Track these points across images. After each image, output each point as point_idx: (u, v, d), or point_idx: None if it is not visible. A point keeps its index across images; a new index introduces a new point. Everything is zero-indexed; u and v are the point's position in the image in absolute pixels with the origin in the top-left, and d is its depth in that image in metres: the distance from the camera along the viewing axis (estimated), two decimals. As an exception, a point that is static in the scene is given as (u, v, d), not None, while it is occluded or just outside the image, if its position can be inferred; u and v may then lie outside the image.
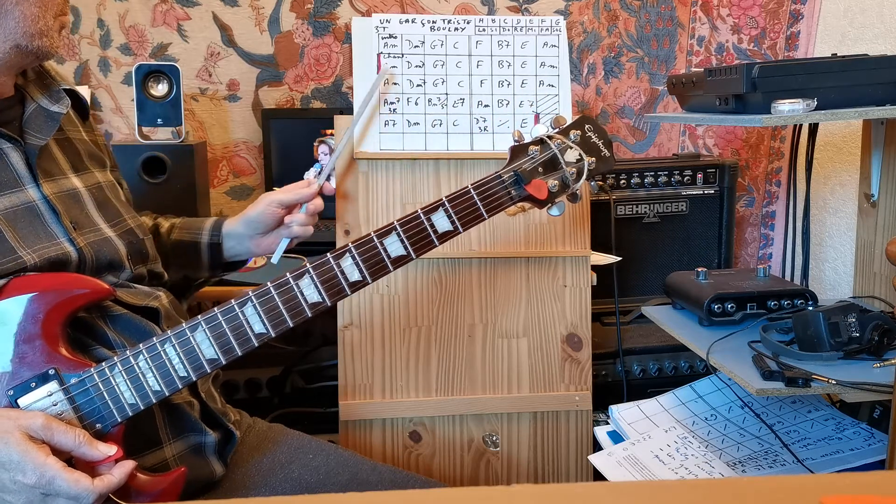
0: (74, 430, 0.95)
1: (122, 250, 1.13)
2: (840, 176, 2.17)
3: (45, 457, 0.90)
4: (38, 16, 1.03)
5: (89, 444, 0.95)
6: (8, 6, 1.01)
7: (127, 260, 1.14)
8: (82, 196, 1.13)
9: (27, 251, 1.00)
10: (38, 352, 0.98)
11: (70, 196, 1.11)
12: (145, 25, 2.08)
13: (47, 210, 1.06)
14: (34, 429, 0.92)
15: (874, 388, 1.21)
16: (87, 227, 1.10)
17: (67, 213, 1.08)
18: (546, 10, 2.16)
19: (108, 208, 1.17)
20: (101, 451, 0.96)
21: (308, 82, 2.14)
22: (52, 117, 1.11)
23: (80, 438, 0.95)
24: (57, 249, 1.03)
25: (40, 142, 1.08)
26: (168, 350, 1.01)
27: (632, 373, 1.76)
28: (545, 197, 1.15)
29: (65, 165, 1.14)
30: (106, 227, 1.14)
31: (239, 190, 2.17)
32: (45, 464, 0.90)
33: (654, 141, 2.27)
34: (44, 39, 1.04)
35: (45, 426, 0.93)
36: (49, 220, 1.05)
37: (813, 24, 2.17)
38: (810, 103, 1.38)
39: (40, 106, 1.11)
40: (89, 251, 1.07)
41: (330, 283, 1.06)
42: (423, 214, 1.10)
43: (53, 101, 1.13)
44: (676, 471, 1.37)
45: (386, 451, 1.59)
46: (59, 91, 1.14)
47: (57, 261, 1.03)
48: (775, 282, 1.60)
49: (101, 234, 1.12)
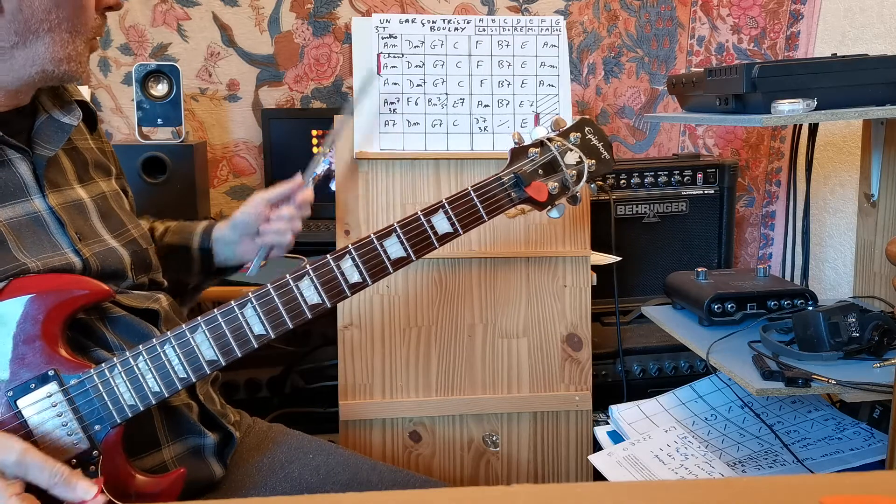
0: (52, 467, 0.90)
1: (126, 260, 1.13)
2: (840, 176, 2.17)
3: (6, 498, 0.86)
4: (69, 41, 1.01)
5: (66, 482, 0.90)
6: (41, 31, 0.99)
7: (130, 270, 1.13)
8: (87, 207, 1.12)
9: (31, 260, 1.00)
10: (37, 353, 0.98)
11: (75, 207, 1.10)
12: (145, 25, 2.08)
13: (52, 221, 1.05)
14: (7, 464, 0.89)
15: (874, 388, 1.21)
16: (91, 237, 1.10)
17: (72, 224, 1.07)
18: (546, 10, 2.16)
19: (112, 218, 1.16)
20: (79, 493, 0.90)
21: (308, 82, 2.14)
22: (62, 129, 1.10)
23: (57, 477, 0.90)
24: (61, 259, 1.03)
25: (49, 153, 1.07)
26: (168, 351, 1.01)
27: (632, 373, 1.76)
28: (545, 199, 1.15)
29: (71, 176, 1.13)
30: (110, 238, 1.13)
31: (239, 190, 2.17)
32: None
33: (654, 141, 2.27)
34: (71, 65, 1.03)
35: (19, 462, 0.89)
36: (54, 230, 1.05)
37: (813, 24, 2.17)
38: (810, 103, 1.38)
39: (52, 117, 1.10)
40: (94, 261, 1.07)
41: (330, 285, 1.05)
42: (423, 216, 1.10)
43: (65, 112, 1.11)
44: (676, 471, 1.37)
45: (386, 451, 1.59)
46: (72, 103, 1.13)
47: (60, 270, 1.02)
48: (775, 282, 1.60)
49: (106, 245, 1.11)
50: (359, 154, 1.56)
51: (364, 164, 1.57)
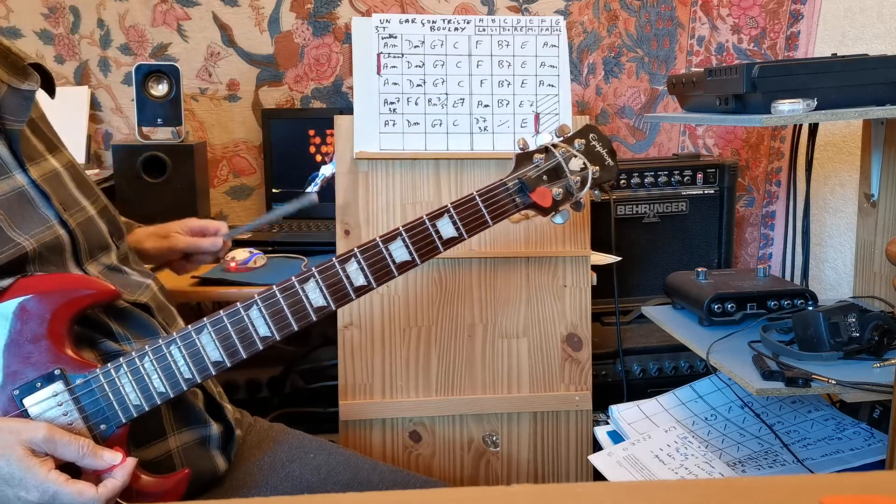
0: (78, 441, 0.94)
1: (104, 228, 1.14)
2: (840, 176, 2.17)
3: (46, 472, 0.90)
4: None
5: (93, 453, 0.94)
6: None
7: (110, 238, 1.14)
8: (62, 176, 1.12)
9: (24, 237, 1.00)
10: (43, 352, 0.98)
11: (53, 177, 1.10)
12: (145, 25, 2.08)
13: (37, 194, 1.05)
14: (36, 442, 0.91)
15: (874, 388, 1.21)
16: (73, 206, 1.10)
17: (55, 195, 1.07)
18: (546, 10, 2.16)
19: (84, 185, 1.16)
20: (106, 459, 0.95)
21: (308, 82, 2.14)
22: (24, 97, 1.08)
23: (84, 449, 0.94)
24: (51, 234, 1.03)
25: (19, 125, 1.06)
26: (173, 352, 1.01)
27: (632, 373, 1.76)
28: (549, 205, 1.16)
29: (40, 147, 1.12)
30: (88, 205, 1.14)
31: (239, 190, 2.17)
32: (46, 479, 0.89)
33: (654, 141, 2.27)
34: None
35: (48, 439, 0.92)
36: (40, 203, 1.05)
37: (813, 24, 2.17)
38: (810, 103, 1.38)
39: (11, 87, 1.07)
40: (79, 232, 1.07)
41: (335, 288, 1.06)
42: (429, 220, 1.10)
43: (22, 78, 1.09)
44: (676, 471, 1.37)
45: (386, 451, 1.59)
46: (26, 67, 1.10)
47: (53, 245, 1.03)
48: (775, 282, 1.60)
49: (86, 213, 1.12)
50: (359, 154, 1.56)
51: (364, 164, 1.57)
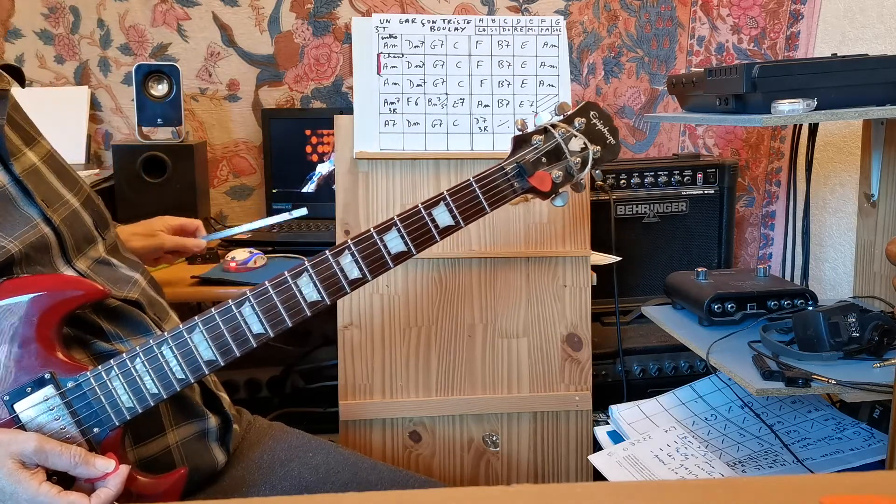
0: (69, 450, 0.93)
1: (88, 221, 1.12)
2: (840, 176, 2.17)
3: (37, 485, 0.89)
4: None
5: (85, 462, 0.93)
6: None
7: (96, 230, 1.13)
8: (41, 170, 1.10)
9: (8, 240, 0.99)
10: (33, 355, 0.96)
11: (34, 172, 1.08)
12: (145, 25, 2.08)
13: (18, 192, 1.03)
14: (26, 454, 0.90)
15: (874, 388, 1.21)
16: (56, 200, 1.08)
17: (37, 191, 1.05)
18: (546, 10, 2.16)
19: (66, 175, 1.14)
20: (99, 467, 0.93)
21: (308, 82, 2.14)
22: (1, 95, 1.07)
23: (76, 458, 0.92)
24: (36, 233, 1.02)
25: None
26: (165, 352, 0.99)
27: (632, 373, 1.76)
28: (549, 189, 1.12)
29: (18, 141, 1.10)
30: (70, 196, 1.12)
31: (239, 190, 2.17)
32: (38, 493, 0.88)
33: (654, 141, 2.27)
34: None
35: (38, 450, 0.91)
36: (22, 202, 1.03)
37: (813, 24, 2.17)
38: (810, 103, 1.38)
39: None
40: (65, 228, 1.06)
41: (329, 282, 1.03)
42: (424, 209, 1.07)
43: None
44: (676, 471, 1.37)
45: (386, 451, 1.59)
46: None
47: (39, 245, 1.01)
48: (775, 282, 1.60)
49: (70, 207, 1.10)
50: (359, 154, 1.56)
51: (364, 164, 1.57)
